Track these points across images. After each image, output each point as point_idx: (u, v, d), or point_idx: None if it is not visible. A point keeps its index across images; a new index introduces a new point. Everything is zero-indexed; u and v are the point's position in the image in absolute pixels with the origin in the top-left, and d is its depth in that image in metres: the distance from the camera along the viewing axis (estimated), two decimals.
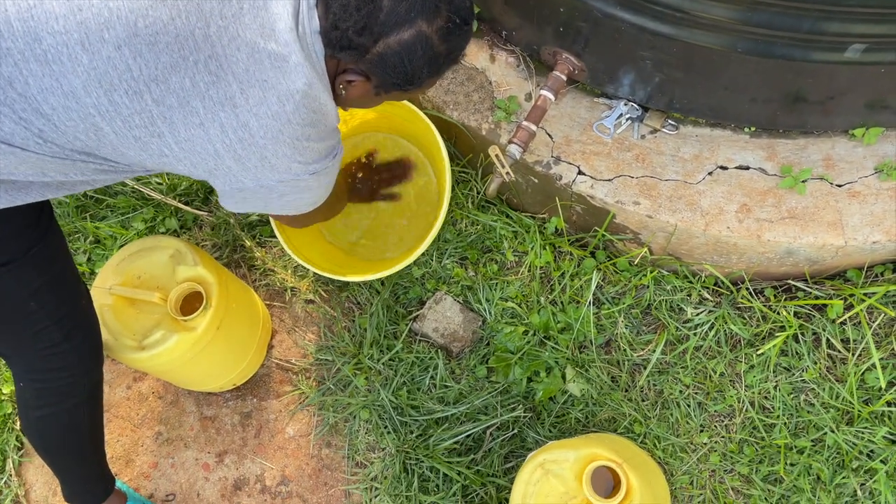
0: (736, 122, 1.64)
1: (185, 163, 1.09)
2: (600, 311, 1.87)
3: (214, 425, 1.97)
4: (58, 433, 1.49)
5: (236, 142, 1.05)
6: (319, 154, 1.16)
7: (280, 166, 1.11)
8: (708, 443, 1.78)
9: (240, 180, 1.11)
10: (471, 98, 1.73)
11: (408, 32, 1.07)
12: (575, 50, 1.57)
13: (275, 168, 1.10)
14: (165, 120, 1.03)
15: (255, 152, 1.07)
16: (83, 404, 1.49)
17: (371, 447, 1.89)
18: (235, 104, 1.03)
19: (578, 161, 1.66)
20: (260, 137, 1.06)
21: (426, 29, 1.08)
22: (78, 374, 1.43)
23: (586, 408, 1.83)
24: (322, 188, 1.25)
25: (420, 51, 1.09)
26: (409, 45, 1.08)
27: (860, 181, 1.59)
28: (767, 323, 1.77)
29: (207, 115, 1.03)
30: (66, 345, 1.37)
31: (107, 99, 1.00)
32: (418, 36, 1.08)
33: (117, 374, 2.05)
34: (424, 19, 1.08)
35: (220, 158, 1.07)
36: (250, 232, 2.11)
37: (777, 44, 1.32)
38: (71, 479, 1.62)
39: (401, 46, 1.08)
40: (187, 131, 1.04)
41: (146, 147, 1.06)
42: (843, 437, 1.69)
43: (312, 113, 1.10)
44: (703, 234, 1.60)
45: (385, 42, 1.08)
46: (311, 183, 1.19)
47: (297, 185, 1.17)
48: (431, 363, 1.91)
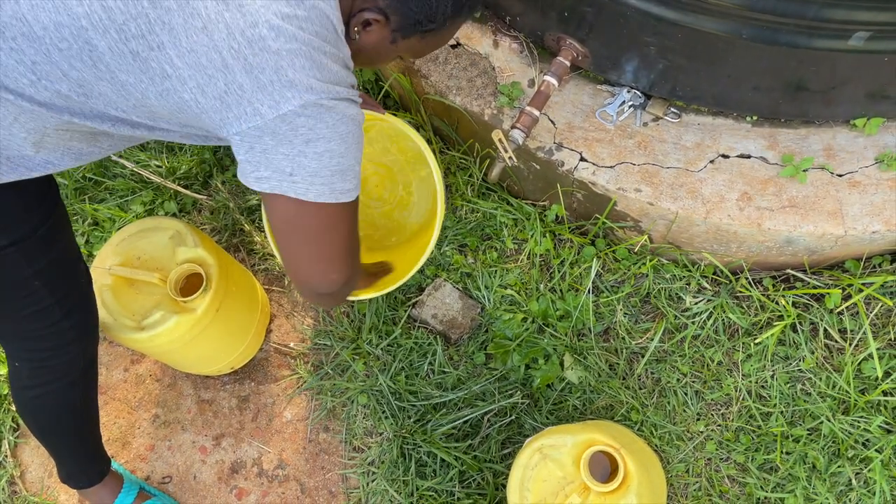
0: (738, 110, 1.64)
1: (191, 84, 0.95)
2: (599, 299, 1.87)
3: (212, 408, 1.97)
4: (52, 412, 1.48)
5: (245, 45, 0.93)
6: (340, 77, 1.02)
7: (298, 81, 0.96)
8: (704, 431, 1.79)
9: (256, 109, 0.96)
10: (474, 83, 1.73)
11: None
12: (579, 36, 1.57)
13: (293, 84, 0.95)
14: (164, 25, 0.92)
15: (269, 60, 0.94)
16: (78, 382, 1.48)
17: (369, 432, 1.89)
18: (242, 2, 0.92)
19: (581, 148, 1.66)
20: (272, 40, 0.94)
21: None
22: (75, 351, 1.42)
23: (584, 395, 1.84)
24: (351, 138, 1.05)
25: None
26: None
27: (861, 171, 1.60)
28: (766, 312, 1.78)
29: (210, 16, 0.92)
30: (66, 322, 1.36)
31: (99, 4, 0.91)
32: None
33: (115, 357, 2.04)
34: None
35: (229, 71, 0.93)
36: (249, 216, 2.11)
37: (782, 31, 1.32)
38: (66, 459, 1.62)
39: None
40: (189, 38, 0.92)
41: (146, 67, 0.94)
42: (840, 426, 1.70)
43: (325, 29, 0.99)
44: (704, 222, 1.60)
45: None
46: (336, 116, 1.01)
47: (324, 118, 1.00)
48: (430, 349, 1.91)
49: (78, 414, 1.54)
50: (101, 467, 1.68)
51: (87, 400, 1.54)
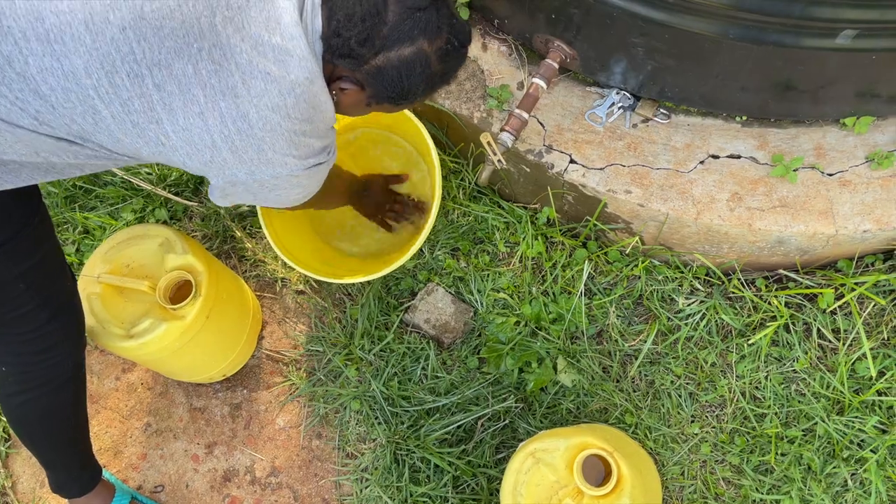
0: (727, 110, 1.64)
1: (181, 153, 1.07)
2: (592, 302, 1.87)
3: (204, 416, 1.96)
4: (40, 419, 1.48)
5: (234, 133, 1.05)
6: (314, 150, 1.16)
7: (276, 160, 1.10)
8: (699, 433, 1.78)
9: (234, 173, 1.11)
10: (463, 87, 1.73)
11: (409, 49, 1.10)
12: (567, 38, 1.57)
13: (271, 162, 1.10)
14: (165, 106, 1.01)
15: (253, 144, 1.07)
16: (65, 387, 1.48)
17: (362, 438, 1.88)
18: (237, 94, 1.03)
19: (570, 150, 1.65)
20: (259, 129, 1.06)
21: (427, 48, 1.11)
22: (62, 355, 1.42)
23: (577, 398, 1.83)
24: (314, 184, 1.25)
25: (418, 68, 1.12)
26: (408, 62, 1.11)
27: (851, 170, 1.59)
28: (759, 313, 1.77)
29: (208, 104, 1.02)
30: (51, 325, 1.37)
31: (107, 81, 0.99)
32: (418, 54, 1.11)
33: (106, 366, 2.03)
34: (426, 38, 1.11)
35: (216, 150, 1.06)
36: (241, 223, 2.10)
37: (768, 30, 1.32)
38: (56, 467, 1.60)
39: (400, 62, 1.11)
40: (186, 119, 1.03)
41: (143, 134, 1.05)
42: (834, 426, 1.69)
43: (311, 108, 1.10)
44: (695, 223, 1.60)
45: (385, 55, 1.10)
46: (303, 179, 1.19)
47: (290, 181, 1.17)
48: (423, 354, 1.90)
49: (66, 420, 1.53)
50: (92, 476, 1.66)
51: (75, 406, 1.54)
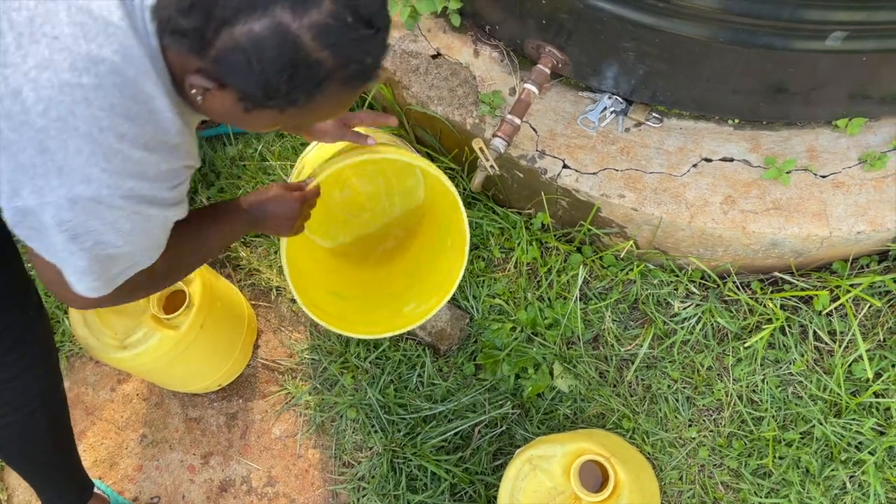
0: (719, 114, 1.64)
1: None
2: (587, 307, 1.86)
3: (200, 427, 1.95)
4: (17, 443, 1.42)
5: (3, 117, 0.76)
6: (141, 170, 0.82)
7: (70, 168, 0.77)
8: (696, 437, 1.77)
9: (15, 190, 0.79)
10: (455, 93, 1.73)
11: (259, 23, 0.75)
12: (558, 43, 1.57)
13: (63, 171, 0.77)
14: None
15: (31, 138, 0.76)
16: (39, 410, 1.39)
17: (358, 446, 1.87)
18: (5, 62, 0.75)
19: (563, 154, 1.65)
20: (37, 115, 0.75)
21: (289, 21, 0.76)
22: (26, 383, 1.33)
23: (574, 404, 1.82)
24: (142, 234, 0.87)
25: (274, 51, 0.77)
26: (259, 41, 0.76)
27: (844, 172, 1.59)
28: (754, 316, 1.77)
29: None
30: (11, 356, 1.28)
31: None
32: (276, 30, 0.76)
33: (101, 377, 2.02)
34: (288, 7, 0.76)
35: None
36: None
37: (758, 33, 1.32)
38: (42, 487, 1.58)
39: (249, 40, 0.76)
40: None
41: None
42: (832, 429, 1.69)
43: (130, 101, 0.80)
44: (689, 227, 1.59)
45: (229, 32, 0.76)
46: (124, 220, 0.83)
47: (99, 215, 0.82)
48: (419, 361, 1.90)
49: (45, 442, 1.46)
50: (81, 493, 1.64)
51: (54, 427, 1.46)
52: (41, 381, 1.38)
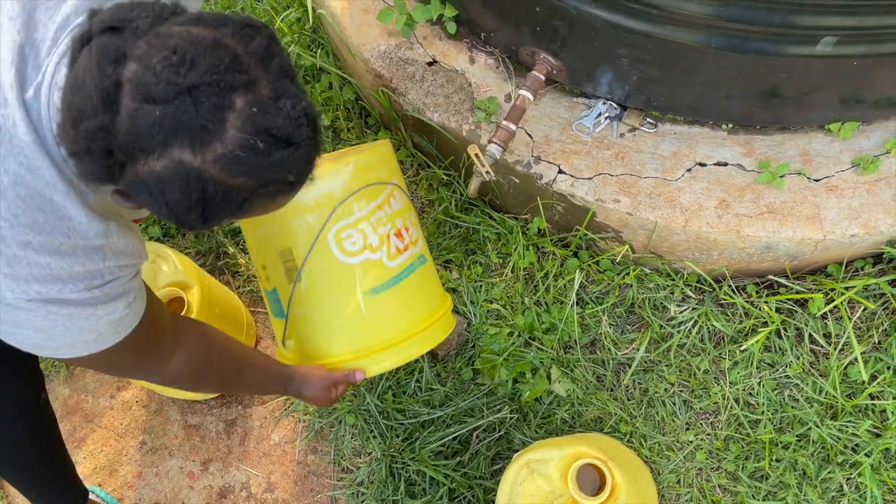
0: (713, 118, 1.65)
1: None
2: (584, 311, 1.87)
3: (199, 433, 1.96)
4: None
5: None
6: (51, 275, 0.81)
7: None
8: (694, 440, 1.78)
9: None
10: (451, 100, 1.74)
11: (159, 163, 0.72)
12: (552, 49, 1.58)
13: None
14: None
15: None
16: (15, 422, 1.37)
17: (357, 452, 1.88)
18: None
19: (558, 160, 1.66)
20: None
21: (191, 160, 0.72)
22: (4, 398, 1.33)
23: (572, 408, 1.83)
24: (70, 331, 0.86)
25: (178, 192, 0.73)
26: (162, 181, 0.73)
27: (837, 175, 1.60)
28: (750, 319, 1.78)
29: None
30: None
31: None
32: (177, 170, 0.72)
33: (101, 384, 2.03)
34: (187, 146, 0.71)
35: None
36: (233, 238, 2.10)
37: (750, 39, 1.34)
38: (34, 498, 1.58)
39: (153, 179, 0.73)
40: None
41: None
42: (828, 431, 1.69)
43: (36, 212, 0.79)
44: (684, 231, 1.60)
45: (133, 170, 0.73)
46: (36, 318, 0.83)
47: (10, 318, 0.83)
48: (417, 366, 1.90)
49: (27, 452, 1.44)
50: (74, 501, 1.64)
51: (34, 437, 1.44)
52: (16, 394, 1.37)
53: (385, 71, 1.77)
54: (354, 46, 1.82)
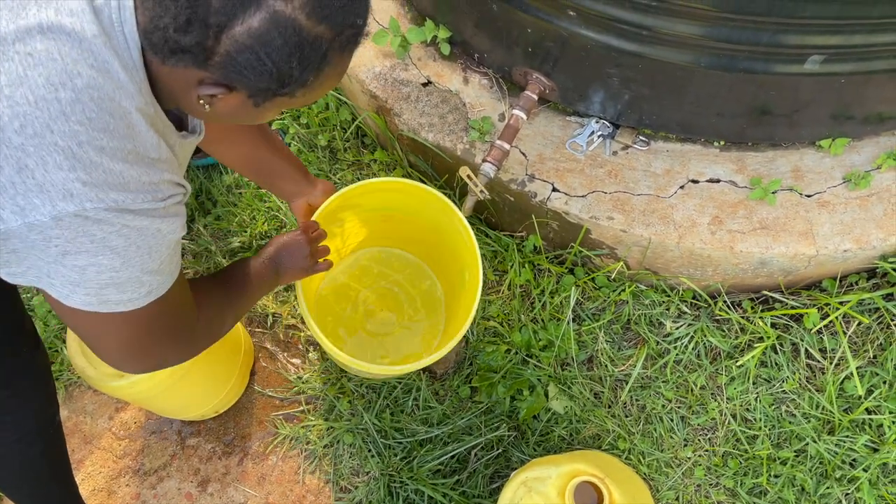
0: (705, 136, 1.67)
1: None
2: (581, 328, 1.88)
3: (197, 454, 1.95)
4: (13, 474, 1.42)
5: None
6: (123, 182, 0.80)
7: (51, 184, 0.76)
8: (692, 457, 1.78)
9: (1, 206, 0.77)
10: (445, 119, 1.76)
11: (257, 18, 0.76)
12: (545, 70, 1.60)
13: (43, 188, 0.76)
14: None
15: (8, 156, 0.75)
16: (34, 444, 1.39)
17: (355, 471, 1.88)
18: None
19: (552, 178, 1.68)
20: (13, 132, 0.74)
21: (283, 8, 0.77)
22: (21, 417, 1.33)
23: (570, 425, 1.83)
24: (132, 253, 0.84)
25: (280, 40, 0.78)
26: (262, 35, 0.77)
27: (829, 191, 1.62)
28: (746, 334, 1.78)
29: None
30: (3, 392, 1.28)
31: None
32: (274, 20, 0.77)
33: (99, 405, 2.03)
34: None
35: None
36: (231, 258, 2.11)
37: (739, 58, 1.35)
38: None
39: (252, 38, 0.77)
40: None
41: None
42: (825, 446, 1.69)
43: (108, 116, 0.79)
44: (677, 247, 1.61)
45: (230, 35, 0.77)
46: (109, 233, 0.81)
47: (87, 231, 0.79)
48: (414, 385, 1.91)
49: (41, 473, 1.46)
50: None
51: (50, 459, 1.46)
52: (37, 416, 1.39)
53: (380, 92, 1.79)
54: (350, 68, 1.84)
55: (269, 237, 2.11)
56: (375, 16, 1.88)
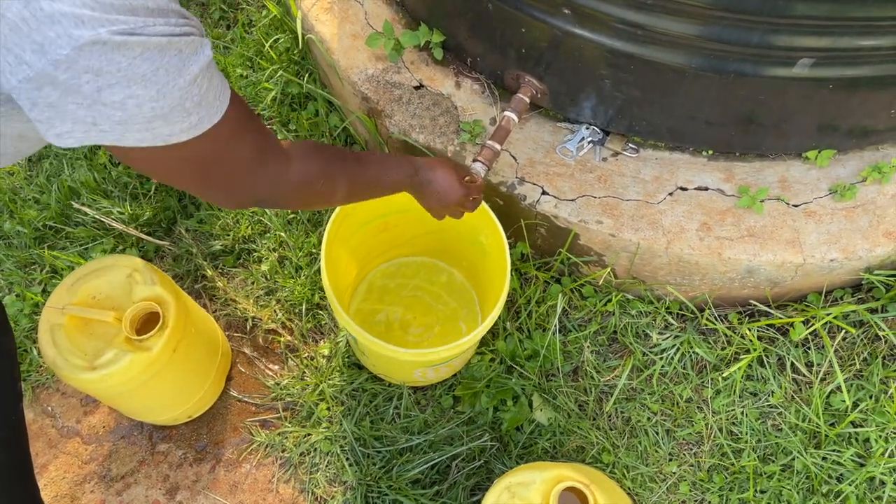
0: (694, 144, 1.68)
1: None
2: (567, 338, 1.85)
3: (167, 460, 1.88)
4: None
5: None
6: (132, 8, 0.78)
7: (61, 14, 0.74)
8: (677, 472, 1.75)
9: (19, 57, 0.76)
10: (437, 122, 1.76)
11: None
12: (537, 73, 1.61)
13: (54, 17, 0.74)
14: None
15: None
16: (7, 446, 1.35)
17: (331, 480, 1.81)
18: None
19: (542, 182, 1.68)
20: None
21: None
22: None
23: (554, 437, 1.79)
24: (164, 78, 0.82)
25: None
26: None
27: (815, 202, 1.63)
28: (732, 346, 1.77)
29: None
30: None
31: None
32: None
33: (67, 408, 1.96)
34: None
35: None
36: (213, 262, 2.08)
37: (729, 59, 1.37)
38: None
39: None
40: None
41: None
42: (812, 460, 1.67)
43: None
44: (666, 253, 1.61)
45: None
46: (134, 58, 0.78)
47: (112, 60, 0.78)
48: (396, 393, 1.86)
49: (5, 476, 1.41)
50: None
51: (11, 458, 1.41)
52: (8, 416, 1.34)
53: (372, 93, 1.79)
54: (342, 70, 1.84)
55: (253, 241, 2.08)
56: (370, 20, 1.90)
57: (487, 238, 1.68)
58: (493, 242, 1.65)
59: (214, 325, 1.91)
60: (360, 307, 1.98)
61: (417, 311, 1.96)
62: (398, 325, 1.94)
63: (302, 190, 1.11)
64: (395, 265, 2.03)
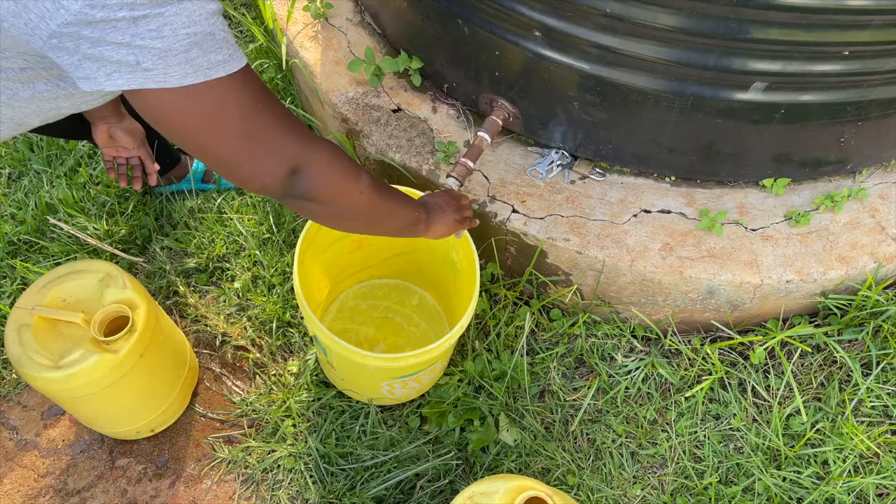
0: (658, 170, 1.76)
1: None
2: (534, 360, 1.88)
3: (126, 475, 1.84)
4: None
5: None
6: None
7: None
8: (641, 494, 1.75)
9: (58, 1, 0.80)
10: (413, 143, 1.83)
11: None
12: (510, 96, 1.70)
13: None
14: None
15: None
16: None
17: (293, 498, 1.79)
18: None
19: (513, 200, 1.74)
20: None
21: None
22: None
23: (519, 458, 1.79)
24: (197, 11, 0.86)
25: None
26: None
27: (772, 226, 1.70)
28: (695, 368, 1.81)
29: None
30: None
31: None
32: None
33: (27, 421, 1.92)
34: None
35: None
36: (186, 279, 2.09)
37: (689, 80, 1.46)
38: None
39: None
40: None
41: None
42: (773, 480, 1.69)
43: None
44: (630, 271, 1.66)
45: None
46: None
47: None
48: (363, 410, 1.86)
49: None
50: None
51: None
52: None
53: (352, 115, 1.86)
54: (323, 93, 1.92)
55: (227, 260, 2.10)
56: (352, 48, 1.98)
57: (459, 254, 1.73)
58: (463, 258, 1.70)
59: (183, 339, 1.91)
60: (330, 326, 1.99)
61: (388, 331, 1.98)
62: (367, 344, 1.95)
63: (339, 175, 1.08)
64: (367, 286, 2.05)
